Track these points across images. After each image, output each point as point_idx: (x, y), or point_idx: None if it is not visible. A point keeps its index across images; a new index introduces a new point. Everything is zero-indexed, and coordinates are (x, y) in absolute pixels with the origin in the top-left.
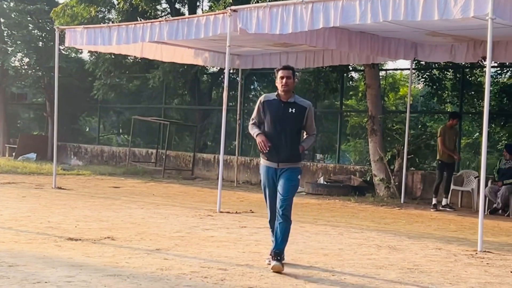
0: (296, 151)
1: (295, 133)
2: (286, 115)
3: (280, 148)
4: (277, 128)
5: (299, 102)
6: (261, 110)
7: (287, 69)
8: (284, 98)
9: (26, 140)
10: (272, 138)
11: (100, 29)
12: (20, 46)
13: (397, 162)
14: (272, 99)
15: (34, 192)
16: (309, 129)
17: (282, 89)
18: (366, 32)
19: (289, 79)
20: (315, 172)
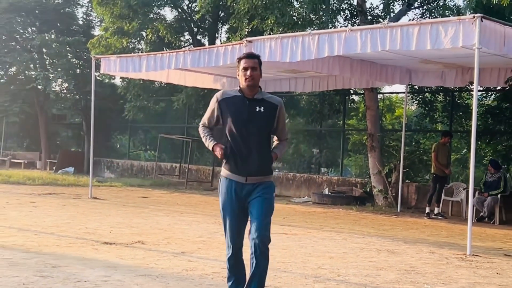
0: (269, 160)
1: (265, 138)
2: (253, 115)
3: (249, 158)
4: (242, 132)
5: (268, 99)
6: (216, 111)
7: (251, 58)
8: (249, 94)
9: (65, 156)
10: (237, 145)
11: (131, 58)
12: (60, 73)
13: (394, 175)
14: (232, 95)
15: (73, 201)
16: (281, 133)
17: (246, 83)
18: (366, 60)
19: (255, 71)
20: (321, 184)
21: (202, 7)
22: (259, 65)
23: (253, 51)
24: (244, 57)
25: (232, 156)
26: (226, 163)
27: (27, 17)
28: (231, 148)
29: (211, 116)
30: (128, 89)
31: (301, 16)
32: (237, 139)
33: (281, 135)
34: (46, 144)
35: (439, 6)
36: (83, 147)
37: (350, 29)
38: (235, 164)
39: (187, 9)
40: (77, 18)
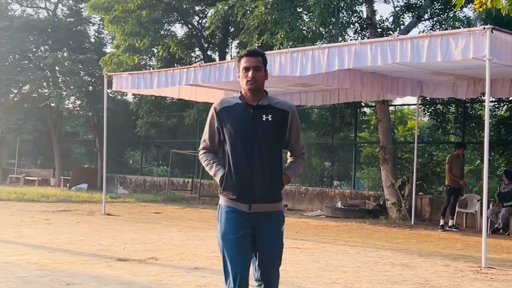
0: (278, 183)
1: (274, 154)
2: (259, 126)
3: (253, 180)
4: (246, 148)
5: (276, 105)
6: (215, 123)
7: (253, 56)
8: (252, 99)
9: (78, 173)
10: (239, 164)
11: (143, 75)
12: (73, 90)
13: (407, 187)
14: (233, 103)
15: (86, 218)
16: (295, 147)
17: (247, 86)
18: (376, 73)
19: (258, 71)
20: (333, 197)
21: (212, 23)
22: (264, 64)
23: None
24: (245, 54)
25: (232, 178)
26: (224, 188)
27: (40, 35)
28: (230, 168)
29: (211, 132)
30: (140, 106)
31: (311, 30)
32: (240, 156)
33: (295, 149)
34: (60, 161)
35: (449, 17)
36: (96, 164)
37: (360, 42)
38: (236, 188)
39: (197, 25)
40: (89, 36)
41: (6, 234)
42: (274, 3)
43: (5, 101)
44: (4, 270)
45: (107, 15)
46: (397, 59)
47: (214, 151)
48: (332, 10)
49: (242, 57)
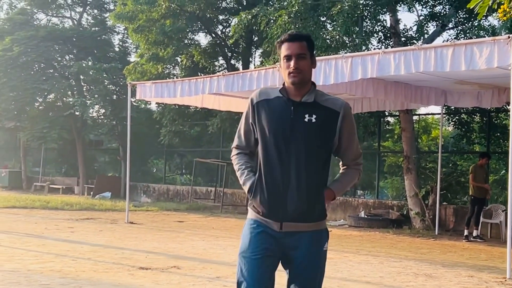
0: (317, 199)
1: (316, 163)
2: (298, 127)
3: (287, 194)
4: (280, 153)
5: (323, 102)
6: (250, 118)
7: (296, 40)
8: (295, 94)
9: (102, 181)
10: (271, 172)
11: (167, 84)
12: (97, 99)
13: (431, 197)
14: (273, 97)
15: (110, 226)
16: (347, 154)
17: (289, 79)
18: (400, 82)
19: (302, 59)
20: (356, 207)
21: (235, 32)
22: (310, 51)
23: None
24: (286, 39)
25: (262, 189)
26: (253, 199)
27: (65, 44)
28: (261, 176)
29: (246, 129)
30: (163, 114)
31: (334, 39)
32: (272, 163)
33: (347, 158)
34: (84, 170)
35: (473, 26)
36: (120, 172)
37: (384, 51)
38: (265, 201)
39: (221, 34)
40: (114, 45)
41: (30, 242)
42: (298, 12)
43: (30, 109)
44: (28, 277)
45: (132, 24)
46: (420, 68)
47: (249, 152)
48: (355, 19)
49: (282, 43)
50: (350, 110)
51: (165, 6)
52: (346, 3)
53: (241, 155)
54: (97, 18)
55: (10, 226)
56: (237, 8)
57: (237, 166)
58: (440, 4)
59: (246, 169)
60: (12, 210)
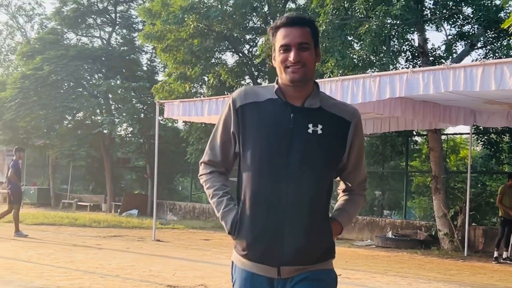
0: (326, 233)
1: (320, 188)
2: (299, 141)
3: (283, 229)
4: (274, 175)
5: (330, 108)
6: (233, 125)
7: (297, 25)
8: (295, 96)
9: (129, 198)
10: (260, 202)
11: (194, 102)
12: (125, 117)
13: (460, 218)
14: (264, 99)
15: (137, 244)
16: (354, 176)
17: (288, 76)
18: (428, 101)
19: (305, 50)
20: (384, 227)
21: (262, 51)
22: (314, 39)
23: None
24: (283, 23)
25: (246, 225)
26: (236, 239)
27: (94, 64)
28: (245, 207)
29: (223, 139)
30: (190, 133)
31: (362, 58)
32: (264, 188)
33: (355, 180)
34: (111, 187)
35: (503, 46)
36: (147, 190)
37: (412, 70)
38: (254, 241)
39: (248, 53)
40: (142, 64)
41: (58, 259)
42: (325, 32)
43: (59, 127)
44: None
45: (160, 44)
46: (450, 87)
47: (225, 171)
48: (383, 39)
49: (278, 28)
50: (361, 119)
51: (193, 26)
52: (374, 23)
53: (215, 175)
54: (126, 37)
55: (39, 243)
56: (264, 28)
57: (212, 190)
58: (468, 24)
59: (225, 197)
60: (41, 227)
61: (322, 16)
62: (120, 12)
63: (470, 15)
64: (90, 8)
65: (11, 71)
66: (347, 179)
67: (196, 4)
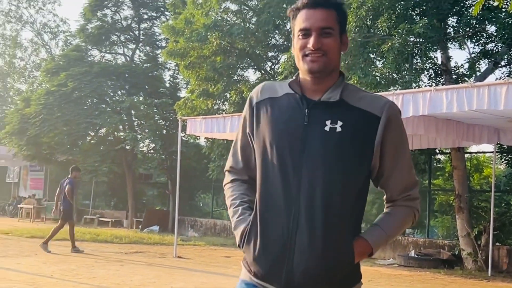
0: (345, 253)
1: (343, 196)
2: (315, 139)
3: (294, 243)
4: (287, 179)
5: (355, 103)
6: (249, 126)
7: (321, 6)
8: (314, 89)
9: (150, 214)
10: (270, 211)
11: (216, 119)
12: (148, 133)
13: (484, 237)
14: (282, 94)
15: (158, 260)
16: (393, 181)
17: (306, 65)
18: (451, 119)
19: (328, 36)
20: (406, 246)
21: (284, 68)
22: (340, 25)
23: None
24: (304, 4)
25: (257, 236)
26: (245, 252)
27: (117, 80)
28: (256, 217)
29: (243, 143)
30: (212, 149)
31: (384, 76)
32: (274, 195)
33: (394, 187)
34: (133, 203)
35: None
36: (168, 206)
37: (436, 88)
38: (262, 255)
39: (270, 70)
40: (165, 81)
41: (80, 275)
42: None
43: (82, 143)
44: None
45: (183, 61)
46: (474, 106)
47: (248, 179)
48: (406, 56)
49: (299, 10)
50: (399, 114)
51: (216, 44)
52: (397, 41)
53: (237, 184)
54: (149, 54)
55: (61, 259)
56: (287, 45)
57: (230, 200)
58: (492, 42)
59: (241, 206)
60: (63, 242)
61: None
62: (144, 30)
63: (493, 33)
64: (114, 26)
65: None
66: (386, 186)
67: (219, 22)
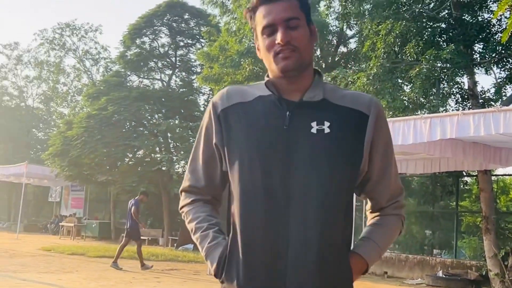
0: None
1: (335, 207)
2: (301, 144)
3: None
4: (271, 193)
5: (339, 101)
6: (216, 136)
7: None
8: (290, 89)
9: (185, 233)
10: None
11: None
12: (183, 155)
13: (511, 258)
14: (253, 97)
15: (193, 277)
16: (382, 187)
17: (280, 63)
18: (478, 143)
19: (295, 28)
20: (434, 266)
21: None
22: (305, 13)
23: None
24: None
25: (239, 262)
26: (225, 281)
27: (155, 104)
28: (236, 239)
29: (205, 157)
30: None
31: (412, 100)
32: (256, 214)
33: (384, 194)
34: (168, 222)
35: None
36: None
37: (463, 112)
38: (251, 280)
39: None
40: (199, 105)
41: None
42: (376, 75)
43: (121, 164)
44: None
45: (217, 86)
46: (501, 129)
47: (211, 199)
48: (433, 81)
49: (256, 8)
50: (384, 111)
51: (248, 69)
52: (424, 66)
53: (199, 205)
54: (185, 80)
55: (101, 275)
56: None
57: (193, 224)
58: None
59: (211, 229)
60: (102, 259)
61: (373, 60)
62: (180, 56)
63: None
64: (152, 53)
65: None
66: (373, 193)
67: (252, 49)
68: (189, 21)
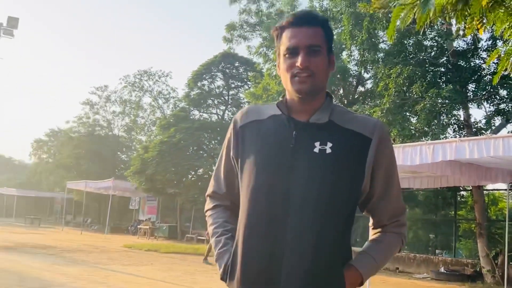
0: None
1: (332, 223)
2: (304, 162)
3: (280, 275)
4: (273, 205)
5: (345, 124)
6: (233, 150)
7: (306, 25)
8: (301, 110)
9: None
10: (256, 239)
11: None
12: None
13: (500, 258)
14: (267, 116)
15: None
16: (384, 206)
17: (295, 85)
18: (473, 163)
19: (316, 54)
20: (437, 263)
21: None
22: (327, 42)
23: None
24: (290, 23)
25: (238, 267)
26: (229, 285)
27: (212, 133)
28: (237, 246)
29: (226, 167)
30: None
31: (418, 129)
32: (258, 222)
33: (385, 213)
34: None
35: None
36: None
37: (460, 139)
38: (248, 285)
39: None
40: None
41: (185, 280)
42: (388, 109)
43: (185, 180)
44: None
45: None
46: (491, 153)
47: (230, 204)
48: (435, 114)
49: (284, 29)
50: (389, 134)
51: None
52: (428, 102)
53: (219, 211)
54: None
55: (169, 267)
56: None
57: (212, 228)
58: (504, 103)
59: (223, 236)
60: (171, 254)
61: (386, 97)
62: (231, 95)
63: (505, 96)
64: (210, 92)
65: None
66: (375, 211)
67: None
68: (239, 67)
